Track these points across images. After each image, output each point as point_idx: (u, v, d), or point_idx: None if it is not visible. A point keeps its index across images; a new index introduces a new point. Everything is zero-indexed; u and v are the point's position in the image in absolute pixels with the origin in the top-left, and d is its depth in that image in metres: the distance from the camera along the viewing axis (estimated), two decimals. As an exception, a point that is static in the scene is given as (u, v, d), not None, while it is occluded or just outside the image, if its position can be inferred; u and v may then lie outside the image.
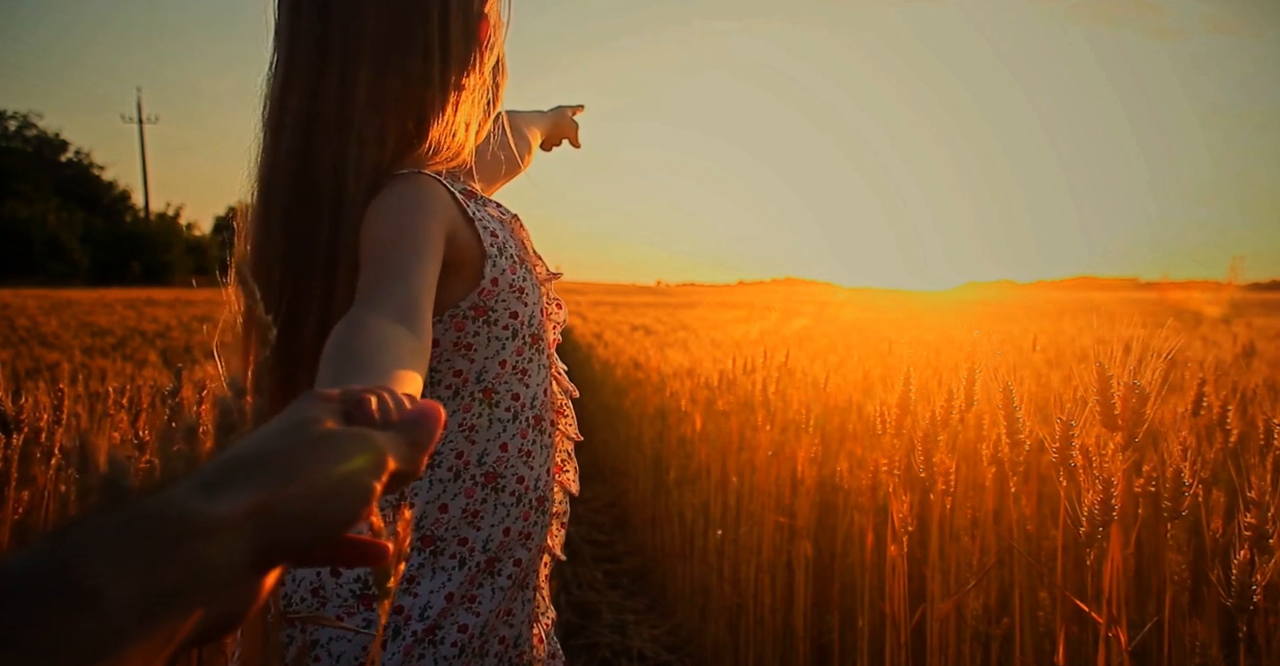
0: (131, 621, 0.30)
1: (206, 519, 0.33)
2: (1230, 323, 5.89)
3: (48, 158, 51.12)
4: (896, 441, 1.17)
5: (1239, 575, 0.87)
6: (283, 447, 0.37)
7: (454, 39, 0.86)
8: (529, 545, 0.95)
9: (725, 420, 2.39)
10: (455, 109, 0.87)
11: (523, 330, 0.92)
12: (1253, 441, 1.41)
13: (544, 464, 0.97)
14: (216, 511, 0.33)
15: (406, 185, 0.82)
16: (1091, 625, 1.03)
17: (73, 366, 3.36)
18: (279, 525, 0.35)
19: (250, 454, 0.37)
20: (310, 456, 0.37)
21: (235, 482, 0.35)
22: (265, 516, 0.35)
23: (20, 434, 1.23)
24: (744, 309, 12.72)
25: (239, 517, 0.34)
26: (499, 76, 0.93)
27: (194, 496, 0.34)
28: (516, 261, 0.91)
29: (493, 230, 0.89)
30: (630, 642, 2.79)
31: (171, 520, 0.32)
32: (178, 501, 0.33)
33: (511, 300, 0.90)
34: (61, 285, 32.40)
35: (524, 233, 0.97)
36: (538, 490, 0.96)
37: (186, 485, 0.34)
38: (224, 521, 0.33)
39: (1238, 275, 17.67)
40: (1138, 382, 0.80)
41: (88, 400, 1.83)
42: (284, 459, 0.37)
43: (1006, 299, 28.97)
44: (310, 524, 0.36)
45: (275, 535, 0.35)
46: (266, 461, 0.36)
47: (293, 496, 0.36)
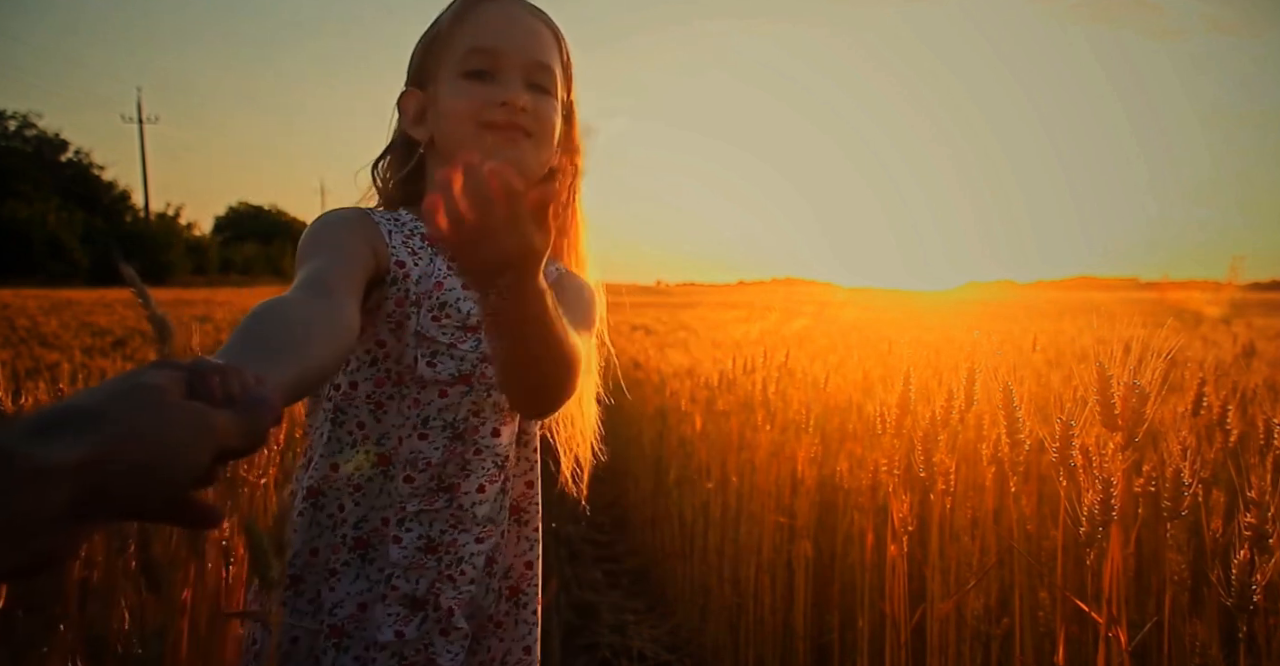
0: None
1: (35, 462, 0.33)
2: (1230, 323, 5.89)
3: (48, 158, 51.13)
4: (896, 441, 1.17)
5: (1239, 575, 0.87)
6: (121, 407, 0.38)
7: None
8: (332, 584, 0.91)
9: (725, 420, 2.39)
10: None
11: (385, 362, 0.92)
12: (1253, 441, 1.41)
13: (377, 509, 0.92)
14: (47, 456, 0.34)
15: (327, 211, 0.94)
16: (1091, 625, 1.03)
17: (73, 366, 3.36)
18: (105, 480, 0.35)
19: (88, 407, 0.37)
20: (146, 420, 0.38)
21: (69, 432, 0.35)
22: (93, 469, 0.35)
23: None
24: (744, 309, 12.72)
25: (65, 466, 0.34)
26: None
27: (26, 440, 0.34)
28: (412, 302, 0.91)
29: (400, 260, 0.92)
30: (630, 642, 2.79)
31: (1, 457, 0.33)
32: (10, 440, 0.34)
33: (384, 330, 0.91)
34: (61, 285, 32.39)
35: (452, 292, 0.94)
36: (360, 530, 0.92)
37: (19, 428, 0.35)
38: (53, 467, 0.34)
39: (1238, 275, 17.66)
40: (1138, 382, 0.80)
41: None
42: (120, 418, 0.37)
43: (1006, 299, 28.98)
44: (136, 486, 0.37)
45: (100, 489, 0.35)
46: (103, 417, 0.37)
47: (124, 456, 0.36)
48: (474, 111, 0.93)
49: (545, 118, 0.96)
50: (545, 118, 0.96)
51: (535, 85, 0.96)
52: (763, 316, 8.56)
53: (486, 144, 0.93)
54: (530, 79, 0.95)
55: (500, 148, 0.93)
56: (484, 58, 0.94)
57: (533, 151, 0.96)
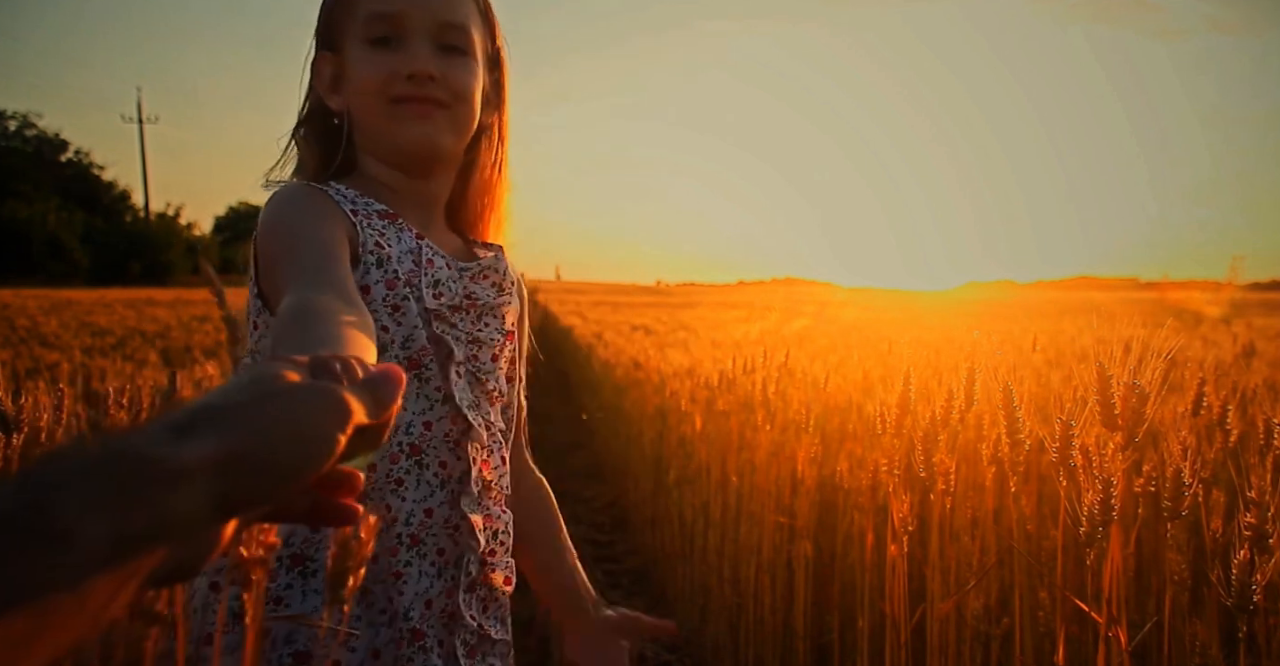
0: (97, 560, 0.30)
1: (173, 464, 0.33)
2: (1230, 322, 5.89)
3: (48, 158, 51.13)
4: (896, 441, 1.17)
5: (1239, 575, 0.87)
6: (248, 398, 0.38)
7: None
8: (402, 587, 0.87)
9: (725, 420, 2.39)
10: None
11: (391, 349, 0.88)
12: (1253, 441, 1.41)
13: (420, 501, 0.89)
14: (183, 456, 0.33)
15: (280, 188, 0.90)
16: (1091, 625, 1.03)
17: (72, 366, 3.36)
18: (240, 475, 0.35)
19: (216, 404, 0.37)
20: (274, 406, 0.38)
21: (202, 430, 0.35)
22: (229, 464, 0.35)
23: (20, 434, 1.23)
24: (744, 309, 12.72)
25: (205, 464, 0.34)
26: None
27: (162, 441, 0.34)
28: (404, 282, 0.88)
29: (378, 241, 0.88)
30: (630, 642, 2.79)
31: (139, 463, 0.33)
32: (146, 445, 0.33)
33: (383, 315, 0.87)
34: (61, 285, 32.39)
35: (441, 272, 0.92)
36: (410, 526, 0.88)
37: (155, 430, 0.34)
38: (190, 467, 0.33)
39: (1238, 275, 17.68)
40: (1138, 382, 0.80)
41: (87, 400, 1.83)
42: (249, 408, 0.37)
43: (1006, 299, 28.97)
44: (272, 473, 0.37)
45: (238, 483, 0.35)
46: (232, 410, 0.37)
47: (257, 445, 0.36)
48: (380, 85, 0.88)
49: (461, 83, 0.90)
50: (461, 83, 0.90)
51: (448, 46, 0.90)
52: (763, 316, 8.56)
53: (398, 121, 0.89)
54: (441, 40, 0.90)
55: (412, 124, 0.89)
56: (386, 23, 0.88)
57: (448, 124, 0.91)
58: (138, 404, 1.55)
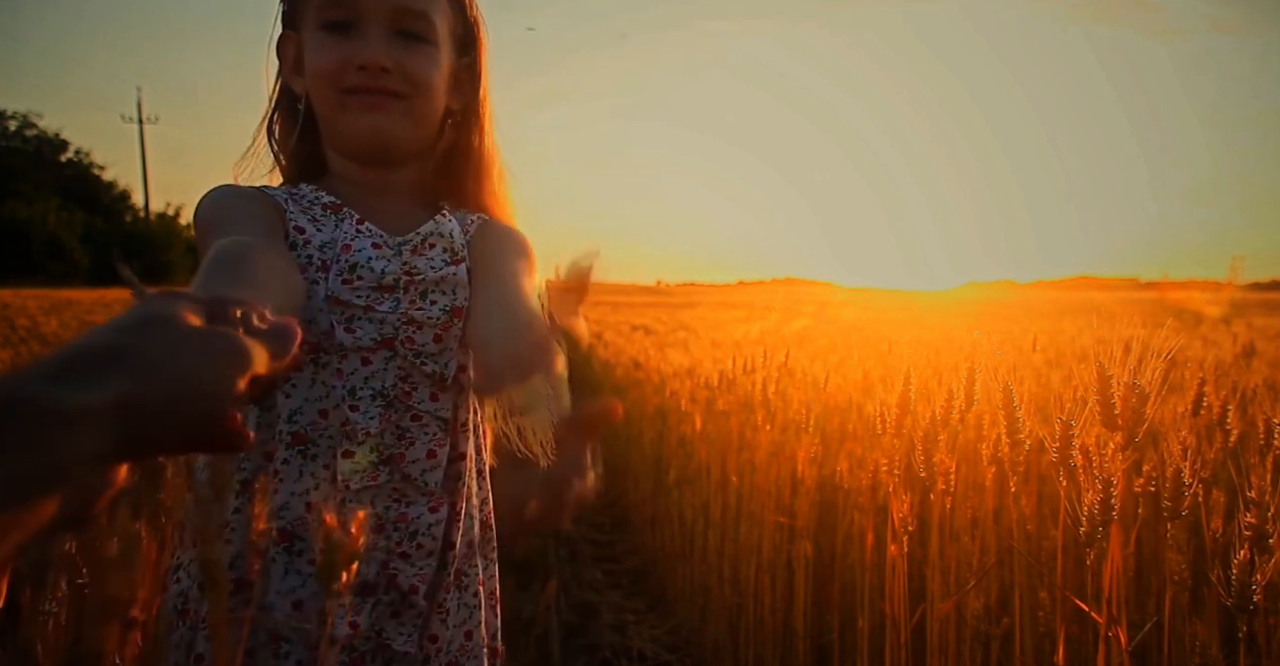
0: None
1: (64, 409, 0.32)
2: (1230, 323, 5.89)
3: (48, 158, 51.13)
4: (896, 441, 1.17)
5: (1239, 575, 0.87)
6: (144, 341, 0.36)
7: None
8: (267, 583, 0.83)
9: (725, 420, 2.39)
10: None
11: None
12: (1253, 441, 1.41)
13: (300, 494, 0.83)
14: (77, 401, 0.32)
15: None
16: (1091, 625, 1.03)
17: (73, 366, 3.37)
18: (138, 419, 0.34)
19: (108, 345, 0.35)
20: (174, 351, 0.36)
21: (95, 373, 0.34)
22: (125, 409, 0.34)
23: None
24: (744, 309, 12.72)
25: (98, 409, 0.33)
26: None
27: (50, 384, 0.33)
28: (316, 267, 0.85)
29: (298, 225, 0.86)
30: (630, 642, 2.79)
31: (27, 407, 0.31)
32: (33, 389, 0.32)
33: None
34: (61, 285, 32.39)
35: (362, 253, 0.87)
36: (283, 520, 0.83)
37: (40, 373, 0.33)
38: (85, 411, 0.32)
39: (1238, 275, 17.67)
40: (1138, 382, 0.80)
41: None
42: (147, 352, 0.36)
43: (1006, 299, 28.97)
44: (172, 418, 0.36)
45: (135, 428, 0.34)
46: (128, 354, 0.35)
47: (155, 391, 0.35)
48: (332, 75, 0.85)
49: (418, 73, 0.87)
50: (418, 73, 0.87)
51: (406, 33, 0.87)
52: (763, 316, 8.56)
53: (348, 112, 0.86)
54: (399, 27, 0.86)
55: (362, 115, 0.86)
56: (341, 8, 0.85)
57: (402, 116, 0.88)
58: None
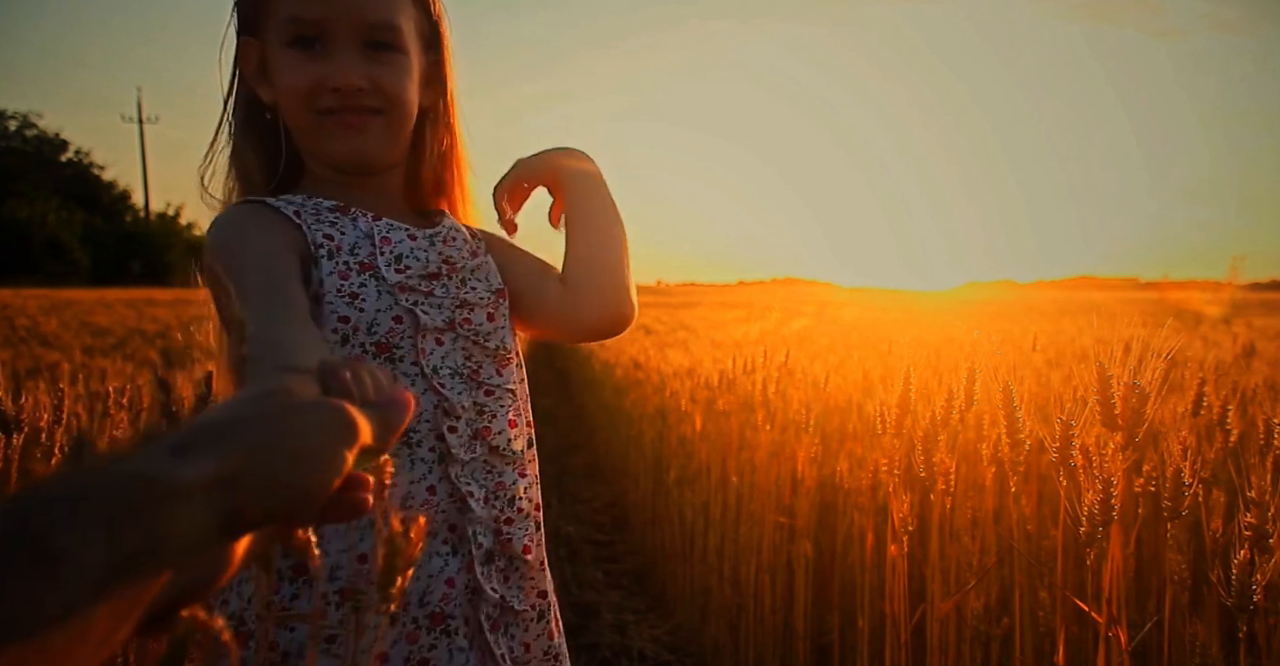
0: (95, 582, 0.29)
1: (172, 483, 0.32)
2: (1230, 322, 5.89)
3: (48, 158, 51.13)
4: (896, 441, 1.17)
5: (1239, 575, 0.87)
6: (252, 414, 0.37)
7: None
8: (420, 572, 0.85)
9: (725, 420, 2.39)
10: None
11: (356, 337, 0.85)
12: (1253, 441, 1.41)
13: (419, 481, 0.87)
14: (183, 475, 0.33)
15: (220, 214, 0.87)
16: (1091, 625, 1.03)
17: (73, 366, 3.36)
18: (246, 493, 0.34)
19: (220, 420, 0.36)
20: (279, 423, 0.37)
21: (203, 448, 0.34)
22: (231, 482, 0.34)
23: (20, 434, 1.23)
24: (744, 309, 12.71)
25: (205, 483, 0.33)
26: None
27: (162, 460, 0.33)
28: (359, 267, 0.86)
29: (327, 234, 0.86)
30: (630, 642, 2.79)
31: (138, 483, 0.32)
32: (145, 465, 0.33)
33: (341, 305, 0.85)
34: (61, 285, 32.39)
35: (402, 245, 0.90)
36: (409, 508, 0.86)
37: (156, 449, 0.34)
38: (190, 486, 0.33)
39: (1238, 275, 17.68)
40: (1138, 382, 0.80)
41: (88, 400, 1.83)
42: (252, 425, 0.36)
43: (1006, 299, 28.97)
44: (278, 492, 0.36)
45: (242, 503, 0.34)
46: (235, 427, 0.36)
47: (260, 463, 0.35)
48: (305, 96, 0.85)
49: (393, 87, 0.87)
50: (393, 87, 0.87)
51: (376, 44, 0.86)
52: (763, 316, 8.56)
53: (327, 135, 0.87)
54: (368, 38, 0.86)
55: (343, 137, 0.87)
56: (306, 26, 0.84)
57: (381, 132, 0.88)
58: (138, 404, 1.55)
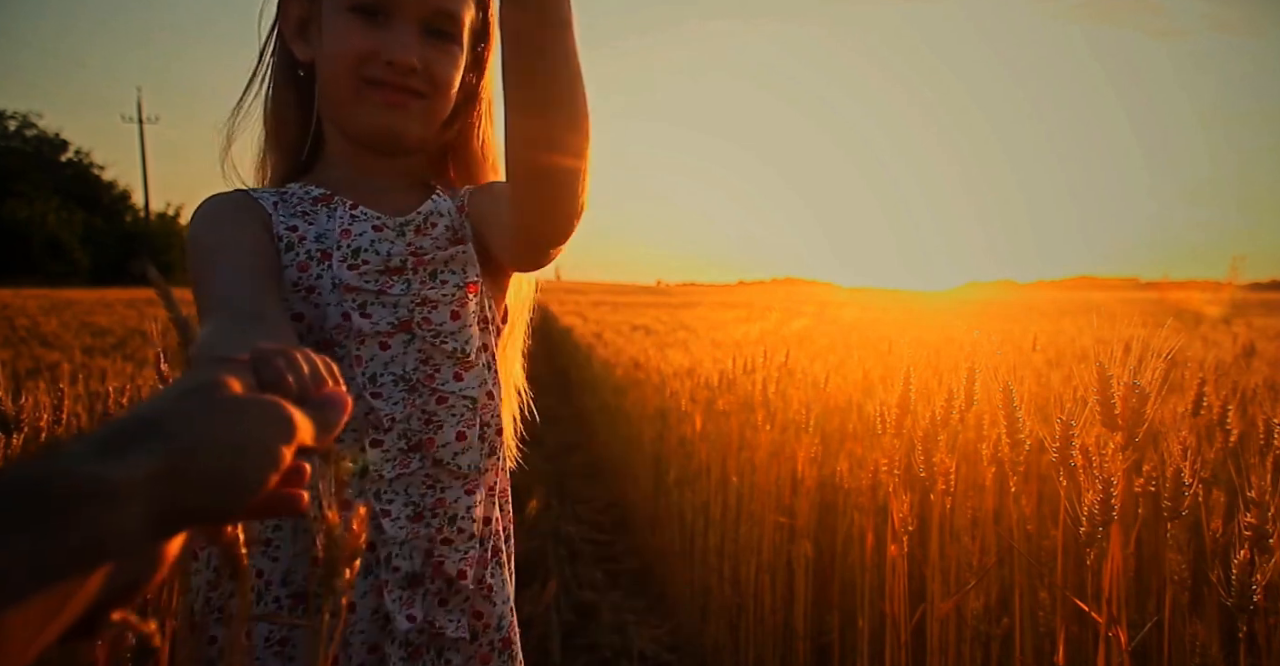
0: (15, 586, 0.29)
1: (103, 483, 0.32)
2: (1230, 322, 5.89)
3: (48, 158, 51.12)
4: (896, 441, 1.17)
5: (1239, 575, 0.87)
6: (184, 411, 0.36)
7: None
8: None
9: (725, 420, 2.39)
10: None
11: (311, 335, 0.82)
12: (1253, 441, 1.41)
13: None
14: (114, 475, 0.32)
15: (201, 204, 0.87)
16: (1091, 625, 1.03)
17: (73, 366, 3.36)
18: (180, 491, 0.34)
19: (150, 417, 0.35)
20: (214, 421, 0.36)
21: (133, 445, 0.33)
22: (166, 482, 0.33)
23: (20, 434, 1.23)
24: (744, 309, 12.72)
25: (135, 481, 0.32)
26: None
27: (90, 460, 0.32)
28: (317, 260, 0.82)
29: (289, 226, 0.84)
30: (630, 643, 2.79)
31: (65, 484, 0.31)
32: (73, 465, 0.32)
33: (296, 301, 0.81)
34: (61, 285, 32.39)
35: (363, 237, 0.85)
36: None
37: (81, 449, 0.33)
38: (122, 486, 0.32)
39: (1238, 275, 17.69)
40: (1138, 383, 0.80)
41: (88, 400, 1.84)
42: (185, 423, 0.35)
43: (1006, 299, 28.97)
44: (213, 491, 0.35)
45: (177, 501, 0.34)
46: (167, 425, 0.35)
47: (195, 462, 0.34)
48: (356, 63, 0.82)
49: (442, 74, 0.85)
50: (442, 74, 0.85)
51: (435, 31, 0.84)
52: (763, 316, 8.56)
53: (366, 105, 0.84)
54: (430, 24, 0.83)
55: (381, 111, 0.84)
56: None
57: (420, 115, 0.85)
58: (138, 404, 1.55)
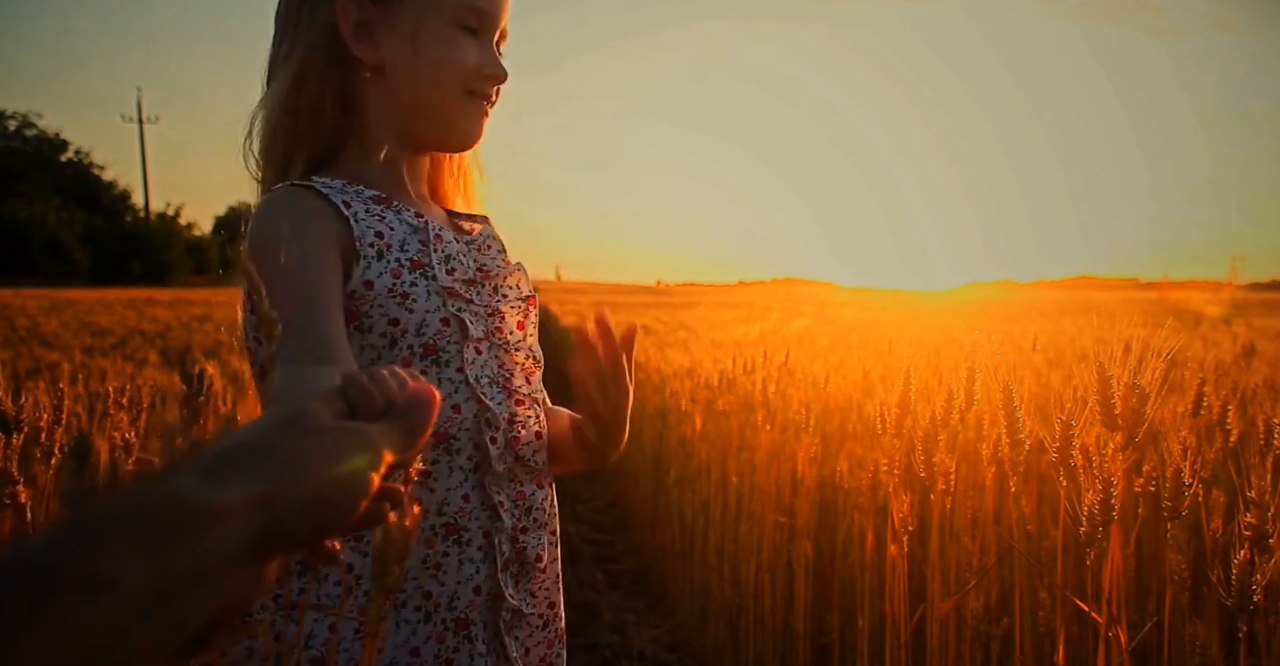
0: (140, 608, 0.30)
1: (212, 506, 0.33)
2: (1230, 322, 5.89)
3: (48, 158, 51.14)
4: (896, 441, 1.17)
5: (1239, 575, 0.87)
6: (281, 440, 0.38)
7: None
8: (440, 577, 0.86)
9: (725, 420, 2.39)
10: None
11: (405, 340, 0.84)
12: (1253, 441, 1.41)
13: (455, 488, 0.87)
14: (221, 499, 0.33)
15: (266, 199, 0.85)
16: (1091, 625, 1.03)
17: (73, 366, 3.36)
18: (280, 516, 0.35)
19: (249, 444, 0.37)
20: (309, 450, 0.38)
21: (237, 472, 0.35)
22: (267, 507, 0.35)
23: (20, 434, 1.23)
24: (744, 309, 12.71)
25: (242, 506, 0.34)
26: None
27: (198, 484, 0.34)
28: (410, 266, 0.85)
29: (378, 231, 0.85)
30: (630, 642, 2.79)
31: (177, 507, 0.32)
32: (182, 489, 0.33)
33: (392, 306, 0.83)
34: (61, 285, 32.39)
35: (451, 246, 0.89)
36: (444, 516, 0.86)
37: (188, 473, 0.34)
38: (228, 509, 0.33)
39: (1238, 275, 17.68)
40: (1138, 383, 0.80)
41: (88, 400, 1.83)
42: (283, 451, 0.37)
43: (1006, 299, 28.97)
44: (310, 516, 0.37)
45: (276, 525, 0.35)
46: (266, 452, 0.37)
47: (293, 489, 0.36)
48: (466, 74, 0.90)
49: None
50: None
51: (497, 46, 0.94)
52: (763, 316, 8.56)
53: (467, 115, 0.92)
54: (497, 41, 0.94)
55: (476, 120, 0.93)
56: (480, 17, 0.90)
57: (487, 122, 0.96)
58: (138, 404, 1.55)
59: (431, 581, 0.85)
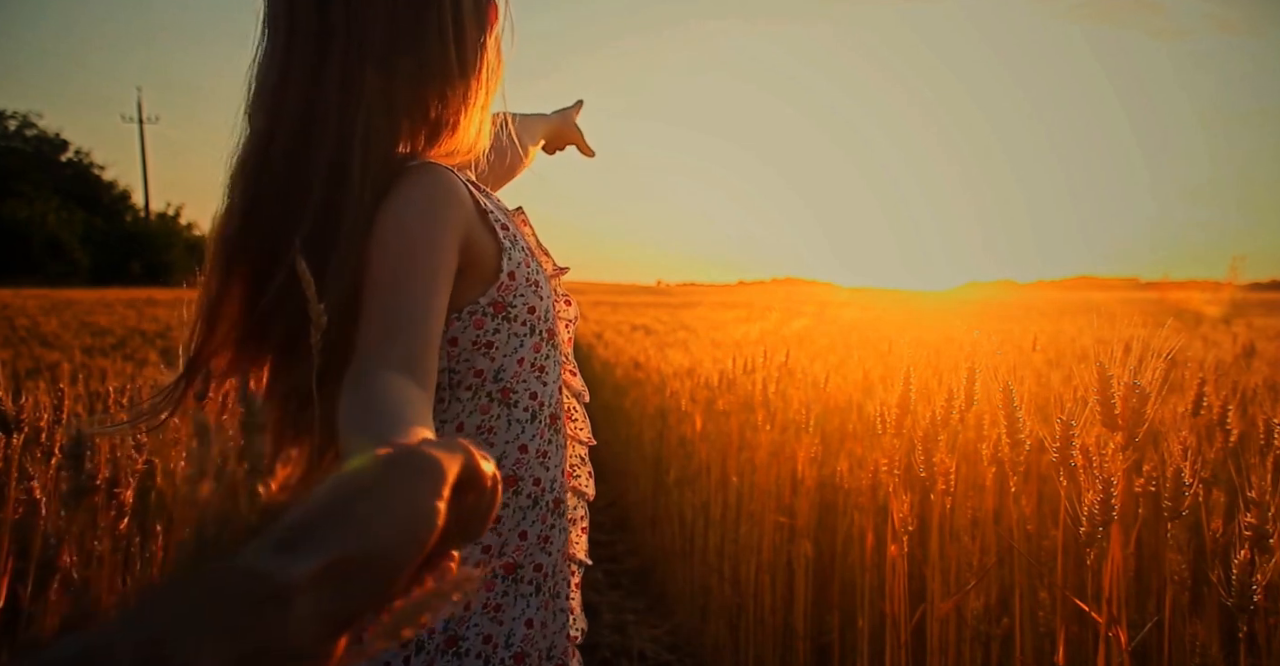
0: None
1: (284, 579, 0.33)
2: (1230, 322, 5.89)
3: (48, 157, 51.11)
4: (896, 441, 1.17)
5: (1239, 575, 0.87)
6: (342, 498, 0.37)
7: (468, 25, 0.80)
8: (549, 549, 0.92)
9: (725, 420, 2.39)
10: (470, 101, 0.82)
11: (540, 325, 0.87)
12: (1253, 441, 1.41)
13: (559, 465, 0.93)
14: (292, 571, 0.33)
15: (420, 180, 0.76)
16: (1091, 625, 1.03)
17: (73, 366, 3.36)
18: (351, 576, 0.35)
19: (314, 511, 0.36)
20: (368, 499, 0.37)
21: (305, 542, 0.34)
22: (337, 570, 0.34)
23: (20, 434, 1.23)
24: (744, 309, 12.71)
25: (314, 575, 0.33)
26: (498, 67, 0.86)
27: (269, 558, 0.33)
28: (528, 254, 0.88)
29: (503, 222, 0.85)
30: (630, 642, 2.79)
31: (251, 582, 0.32)
32: (255, 563, 0.33)
33: (529, 294, 0.85)
34: (61, 285, 32.38)
35: (527, 227, 0.97)
36: (553, 492, 0.92)
37: (260, 548, 0.34)
38: (301, 580, 0.33)
39: (1238, 275, 17.69)
40: (1138, 382, 0.80)
41: (88, 400, 1.83)
42: (346, 508, 0.36)
43: (1006, 299, 28.95)
44: (379, 568, 0.36)
45: (348, 587, 0.35)
46: (331, 516, 0.36)
47: (360, 546, 0.35)
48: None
49: None
50: None
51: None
52: (763, 316, 8.55)
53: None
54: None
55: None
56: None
57: None
58: (138, 404, 1.55)
59: (540, 555, 0.92)
